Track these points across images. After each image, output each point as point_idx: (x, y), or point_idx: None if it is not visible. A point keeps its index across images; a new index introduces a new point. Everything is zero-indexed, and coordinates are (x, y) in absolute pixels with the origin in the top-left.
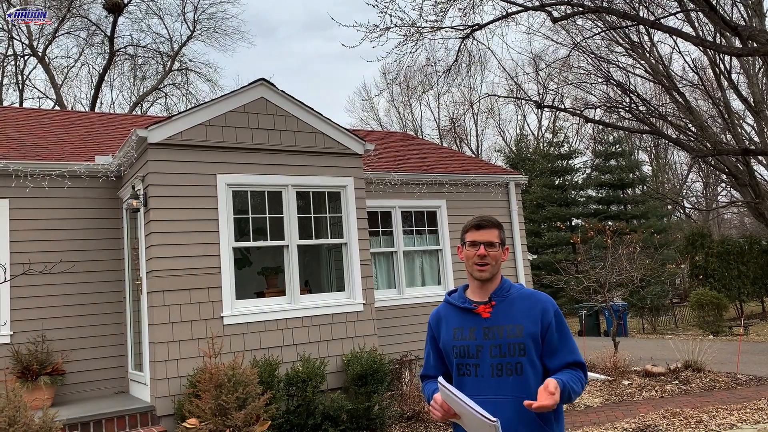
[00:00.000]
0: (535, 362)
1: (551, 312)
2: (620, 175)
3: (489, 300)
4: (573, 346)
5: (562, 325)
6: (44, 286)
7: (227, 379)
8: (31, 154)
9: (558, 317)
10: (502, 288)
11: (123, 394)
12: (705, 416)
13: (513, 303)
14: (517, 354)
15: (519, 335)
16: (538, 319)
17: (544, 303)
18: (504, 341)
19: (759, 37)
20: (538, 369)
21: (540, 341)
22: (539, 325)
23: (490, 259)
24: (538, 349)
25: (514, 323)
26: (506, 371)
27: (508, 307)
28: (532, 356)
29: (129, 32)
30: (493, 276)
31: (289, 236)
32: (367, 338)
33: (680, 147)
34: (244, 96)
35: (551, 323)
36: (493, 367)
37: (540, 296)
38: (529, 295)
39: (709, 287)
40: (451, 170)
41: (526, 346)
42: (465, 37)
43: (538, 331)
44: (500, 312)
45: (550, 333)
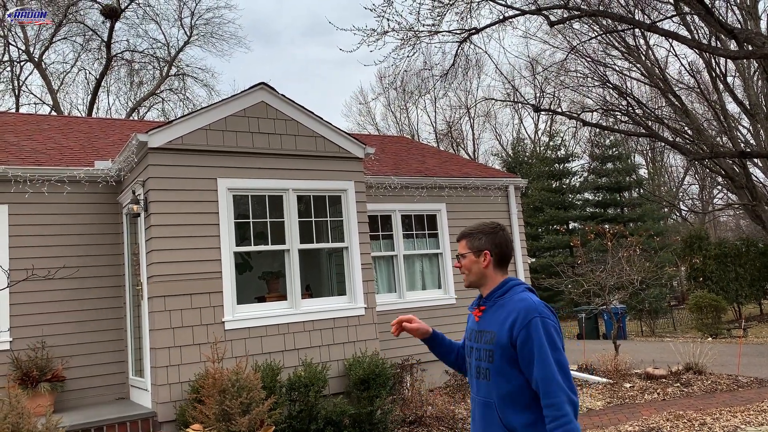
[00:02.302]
0: (506, 370)
1: (522, 323)
2: (617, 178)
3: (480, 304)
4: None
5: (531, 339)
6: (44, 292)
7: (231, 384)
8: (31, 160)
9: (530, 329)
10: (495, 293)
11: (124, 401)
12: (708, 418)
13: (498, 309)
14: (486, 360)
15: (490, 342)
16: (509, 329)
17: (518, 312)
18: (481, 346)
19: (755, 39)
20: (510, 377)
21: (512, 350)
22: (508, 336)
23: (462, 268)
24: (508, 358)
25: (490, 330)
26: (481, 375)
27: (493, 314)
28: (501, 364)
29: (126, 37)
30: (477, 282)
31: (290, 240)
32: (369, 342)
33: (677, 150)
34: (244, 100)
35: (520, 336)
36: (475, 369)
37: (521, 305)
38: (515, 301)
39: (707, 290)
40: (450, 174)
41: (494, 354)
42: (462, 41)
43: (507, 342)
44: (486, 317)
45: (520, 346)
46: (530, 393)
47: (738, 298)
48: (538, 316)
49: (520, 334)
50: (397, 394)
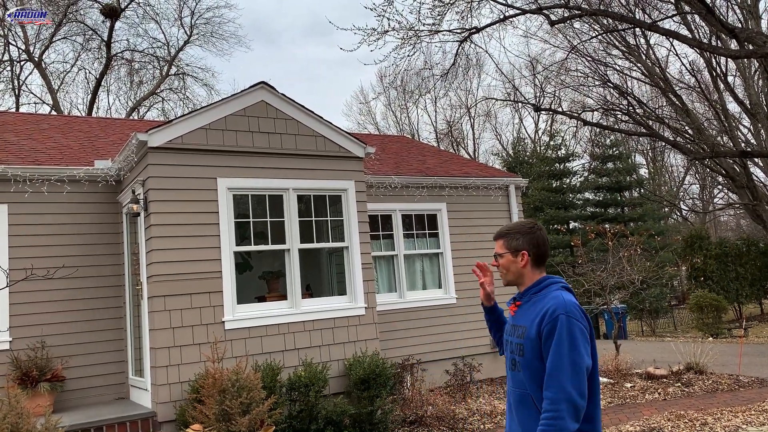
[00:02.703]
0: (533, 364)
1: (550, 318)
2: (618, 178)
3: (515, 300)
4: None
5: (553, 334)
6: (43, 292)
7: (231, 384)
8: (30, 159)
9: (554, 324)
10: (531, 290)
11: (123, 400)
12: (710, 418)
13: (532, 305)
14: (518, 353)
15: (521, 337)
16: (537, 324)
17: (546, 308)
18: (514, 340)
19: (756, 39)
20: (537, 371)
21: (539, 346)
22: (537, 330)
23: (500, 268)
24: (537, 353)
25: (522, 325)
26: (514, 366)
27: (527, 309)
28: (529, 358)
29: (126, 37)
30: (515, 281)
31: (291, 240)
32: (369, 342)
33: (678, 149)
34: (244, 99)
35: (545, 330)
36: (510, 361)
37: (552, 302)
38: (549, 298)
39: (707, 289)
40: (451, 173)
41: (525, 347)
42: (462, 41)
43: (535, 336)
44: (521, 312)
45: (543, 339)
46: None
47: (739, 298)
48: (565, 314)
49: (545, 329)
50: (397, 394)
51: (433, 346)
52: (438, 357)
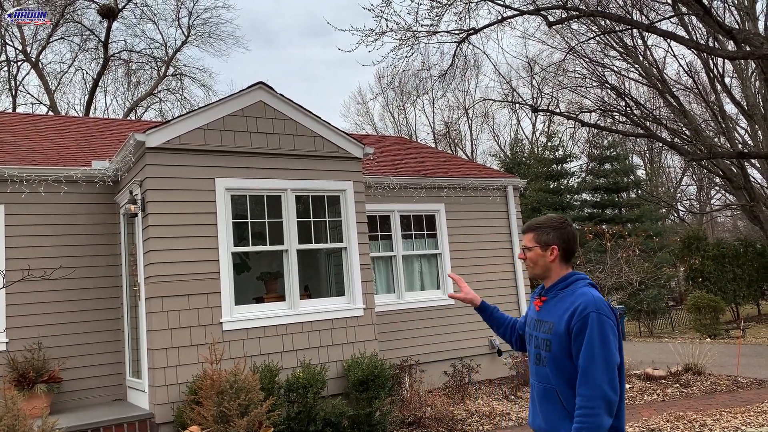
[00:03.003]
0: (560, 360)
1: (580, 316)
2: (615, 179)
3: (542, 295)
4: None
5: (584, 331)
6: (40, 293)
7: (229, 385)
8: (27, 159)
9: (585, 321)
10: (557, 285)
11: (121, 402)
12: (709, 420)
13: (560, 301)
14: (545, 348)
15: (548, 332)
16: (567, 320)
17: (575, 305)
18: (540, 335)
19: (753, 40)
20: (564, 367)
21: (568, 341)
22: (566, 327)
23: (527, 261)
24: (565, 347)
25: (549, 320)
26: (541, 361)
27: (554, 305)
28: (557, 354)
29: (123, 37)
30: (542, 274)
31: (289, 241)
32: (368, 343)
33: (675, 150)
34: (242, 99)
35: (575, 327)
36: (534, 356)
37: (581, 299)
38: (577, 295)
39: (705, 290)
40: (449, 174)
41: (552, 343)
42: (461, 42)
43: (564, 332)
44: (547, 308)
45: (573, 336)
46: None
47: (736, 299)
48: (595, 311)
49: (575, 326)
50: (395, 395)
51: (432, 347)
52: (436, 358)
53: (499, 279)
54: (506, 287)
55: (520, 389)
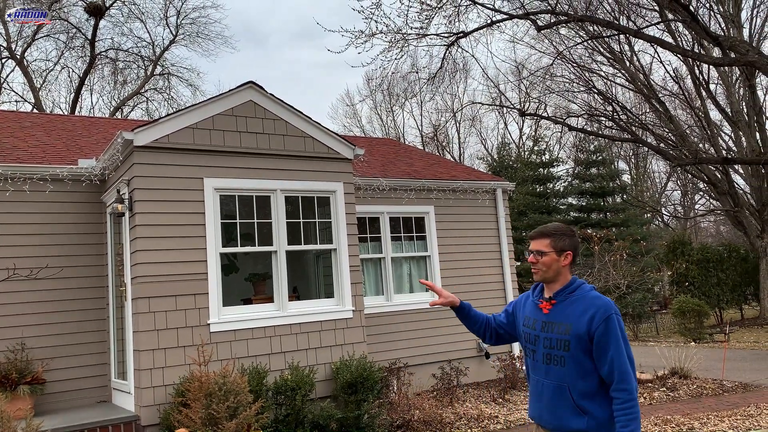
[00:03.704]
0: (580, 358)
1: (601, 318)
2: (601, 183)
3: (550, 298)
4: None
5: (610, 334)
6: (24, 293)
7: (218, 387)
8: (12, 157)
9: (608, 324)
10: (566, 289)
11: (106, 404)
12: (696, 423)
13: (571, 304)
14: (562, 349)
15: (566, 333)
16: (587, 322)
17: (596, 308)
18: (554, 336)
19: (739, 47)
20: (584, 364)
21: (588, 341)
22: (587, 328)
23: (539, 265)
24: (584, 347)
25: (565, 322)
26: (553, 361)
27: (566, 307)
28: (576, 353)
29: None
30: (552, 278)
31: (278, 242)
32: (357, 345)
33: (661, 156)
34: (232, 99)
35: (598, 329)
36: (544, 356)
37: (597, 302)
38: (590, 298)
39: (689, 294)
40: (438, 176)
41: (571, 343)
42: (450, 45)
43: (585, 334)
44: (558, 310)
45: (597, 338)
46: (598, 378)
47: (720, 303)
48: (614, 313)
49: (598, 329)
50: (384, 397)
51: (420, 349)
52: (425, 361)
53: (488, 282)
54: (494, 290)
55: (508, 392)
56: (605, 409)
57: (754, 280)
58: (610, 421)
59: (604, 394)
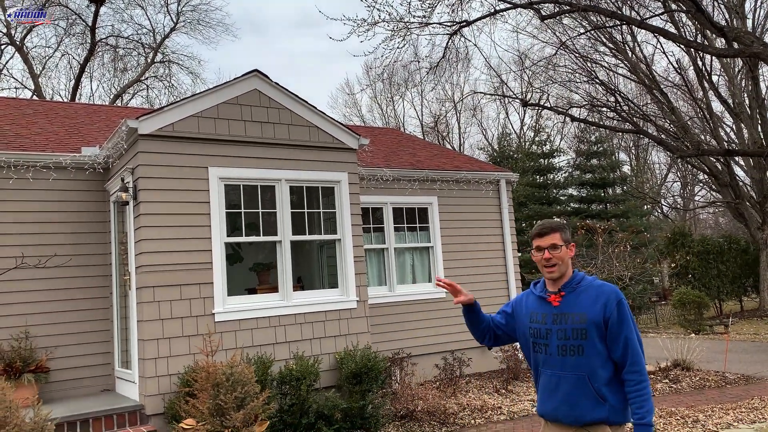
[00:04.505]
0: (597, 345)
1: (614, 304)
2: (602, 174)
3: (559, 291)
4: (627, 341)
5: (622, 318)
6: (28, 281)
7: (225, 378)
8: (15, 145)
9: (620, 309)
10: (573, 281)
11: (109, 392)
12: (701, 416)
13: (581, 294)
14: (579, 338)
15: (582, 322)
16: (601, 309)
17: (608, 295)
18: (569, 326)
19: (744, 38)
20: (601, 351)
21: (603, 328)
22: (602, 315)
23: (555, 259)
24: (600, 334)
25: (579, 312)
26: (569, 352)
27: (576, 298)
28: (594, 340)
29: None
30: (564, 272)
31: (283, 232)
32: (361, 336)
33: (664, 147)
34: (237, 87)
35: (612, 314)
36: (559, 348)
37: (605, 288)
38: (597, 286)
39: (690, 286)
40: (442, 167)
41: (588, 331)
42: (453, 34)
43: (600, 320)
44: (568, 301)
45: (611, 323)
46: (613, 365)
47: (719, 295)
48: (623, 299)
49: (612, 313)
50: (386, 388)
51: (423, 339)
52: (427, 351)
53: (491, 273)
54: (497, 281)
55: (510, 383)
56: (620, 396)
57: (754, 272)
58: (625, 407)
59: (618, 381)
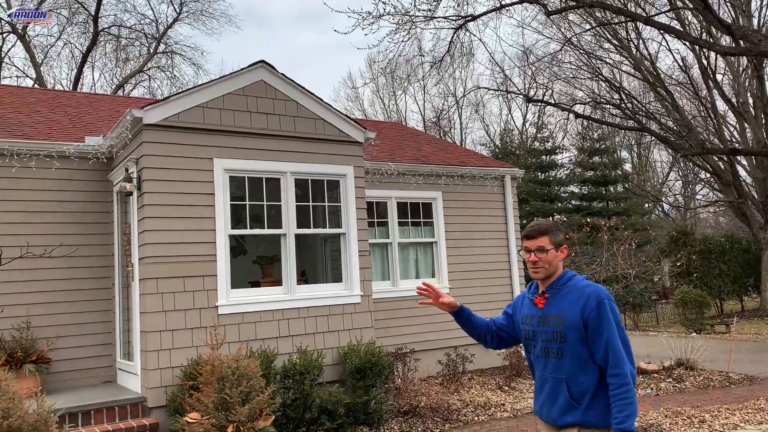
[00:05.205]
0: (577, 348)
1: (593, 305)
2: (604, 172)
3: (543, 292)
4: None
5: (602, 319)
6: (29, 271)
7: (231, 372)
8: (18, 133)
9: (600, 310)
10: (559, 282)
11: (111, 384)
12: (707, 416)
13: (564, 295)
14: (558, 341)
15: (561, 325)
16: (580, 311)
17: (588, 296)
18: (550, 329)
19: (751, 37)
20: (582, 354)
21: (583, 330)
22: (580, 317)
23: (541, 263)
24: (580, 336)
25: (559, 314)
26: (551, 354)
27: (559, 300)
28: (574, 343)
29: (113, 12)
30: (551, 274)
31: (287, 225)
32: (364, 331)
33: (668, 145)
34: (243, 78)
35: (591, 315)
36: (543, 350)
37: (588, 290)
38: (580, 288)
39: (692, 285)
40: (447, 162)
41: (567, 334)
42: (458, 28)
43: (579, 322)
44: (551, 304)
45: (590, 325)
46: (593, 366)
47: (721, 294)
48: (606, 299)
49: (591, 315)
50: (390, 383)
51: (426, 335)
52: (430, 346)
53: (495, 269)
54: (501, 277)
55: (513, 380)
56: (603, 401)
57: (755, 271)
58: (607, 412)
59: (604, 386)
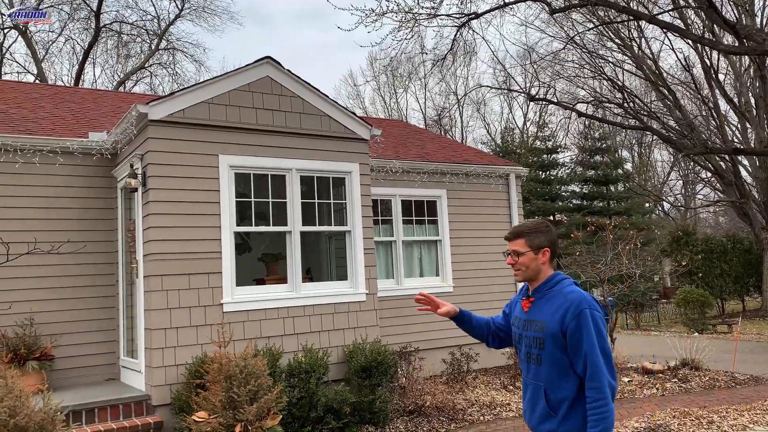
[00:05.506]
0: (556, 356)
1: (573, 314)
2: (605, 171)
3: (529, 296)
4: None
5: (582, 330)
6: (32, 267)
7: (239, 370)
8: (21, 128)
9: (580, 320)
10: (545, 285)
11: (114, 382)
12: (716, 417)
13: (548, 301)
14: (537, 347)
15: (540, 331)
16: (560, 319)
17: (569, 303)
18: (531, 334)
19: (756, 36)
20: (561, 362)
21: (562, 338)
22: (559, 326)
23: (519, 265)
24: (559, 345)
25: (540, 319)
26: (532, 360)
27: (542, 305)
28: (552, 350)
29: (115, 8)
30: (533, 277)
31: (292, 222)
32: (370, 329)
33: (671, 144)
34: (248, 74)
35: (570, 326)
36: (526, 354)
37: (571, 297)
38: (564, 294)
39: (694, 285)
40: (451, 160)
41: (545, 341)
42: (461, 26)
43: (558, 331)
44: (536, 308)
45: (569, 335)
46: (573, 375)
47: (722, 294)
48: (588, 308)
49: (570, 324)
50: (395, 382)
51: (430, 334)
52: (435, 345)
53: (499, 268)
54: (505, 275)
55: (518, 379)
56: (581, 411)
57: (756, 271)
58: (585, 423)
59: (582, 404)
